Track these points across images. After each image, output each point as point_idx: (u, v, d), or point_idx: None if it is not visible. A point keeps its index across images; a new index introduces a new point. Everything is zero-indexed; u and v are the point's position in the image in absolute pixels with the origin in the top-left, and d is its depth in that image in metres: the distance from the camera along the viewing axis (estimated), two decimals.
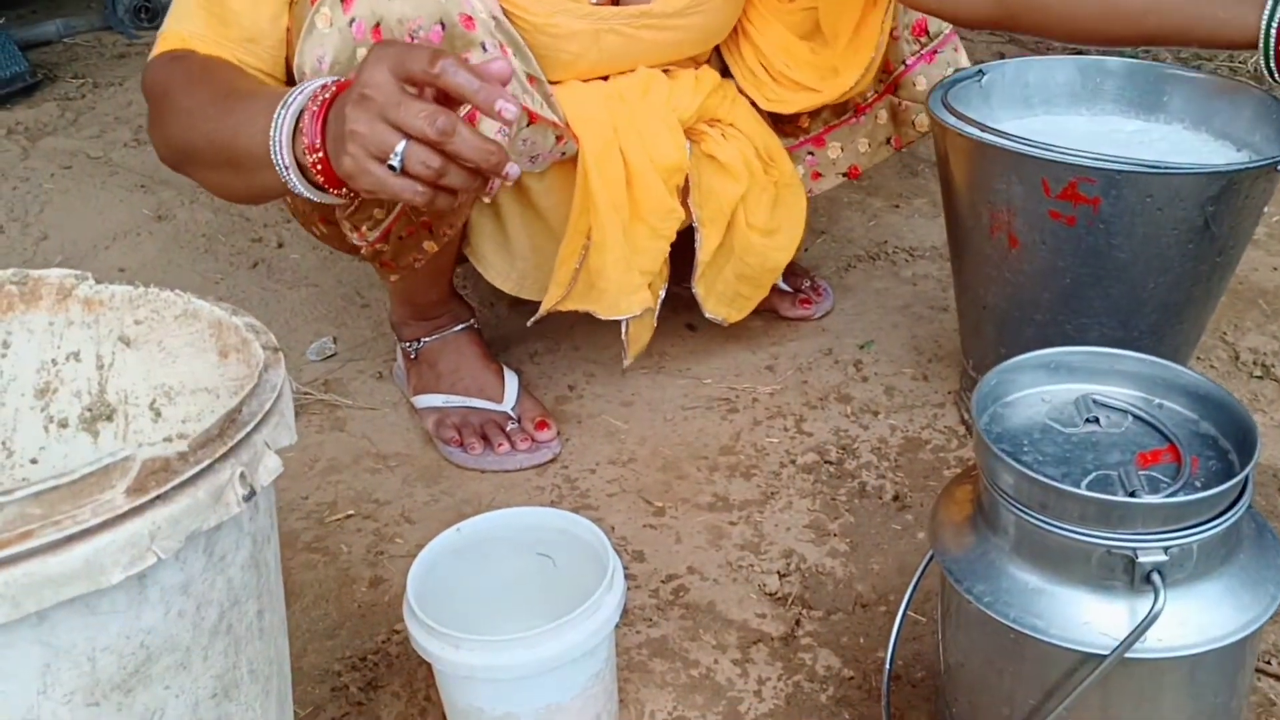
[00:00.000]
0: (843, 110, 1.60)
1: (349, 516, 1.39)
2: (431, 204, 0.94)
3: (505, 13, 1.25)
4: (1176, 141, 1.39)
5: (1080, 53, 1.53)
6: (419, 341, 1.55)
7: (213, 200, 2.11)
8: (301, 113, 0.99)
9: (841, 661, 1.16)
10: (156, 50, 1.21)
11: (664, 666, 1.16)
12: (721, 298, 1.58)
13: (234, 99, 1.09)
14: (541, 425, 1.48)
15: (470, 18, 1.18)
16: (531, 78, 1.27)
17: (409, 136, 0.91)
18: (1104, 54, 1.49)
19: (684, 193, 1.46)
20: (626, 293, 1.44)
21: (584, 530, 1.05)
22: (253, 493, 0.72)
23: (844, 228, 2.02)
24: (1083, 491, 0.77)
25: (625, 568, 1.29)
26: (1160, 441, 0.85)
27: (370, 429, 1.55)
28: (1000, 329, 1.38)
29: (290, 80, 1.22)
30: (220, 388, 0.92)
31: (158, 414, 0.97)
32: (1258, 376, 1.59)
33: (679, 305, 1.78)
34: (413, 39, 1.15)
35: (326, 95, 0.98)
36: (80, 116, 2.47)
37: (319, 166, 0.98)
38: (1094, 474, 0.82)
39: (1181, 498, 0.76)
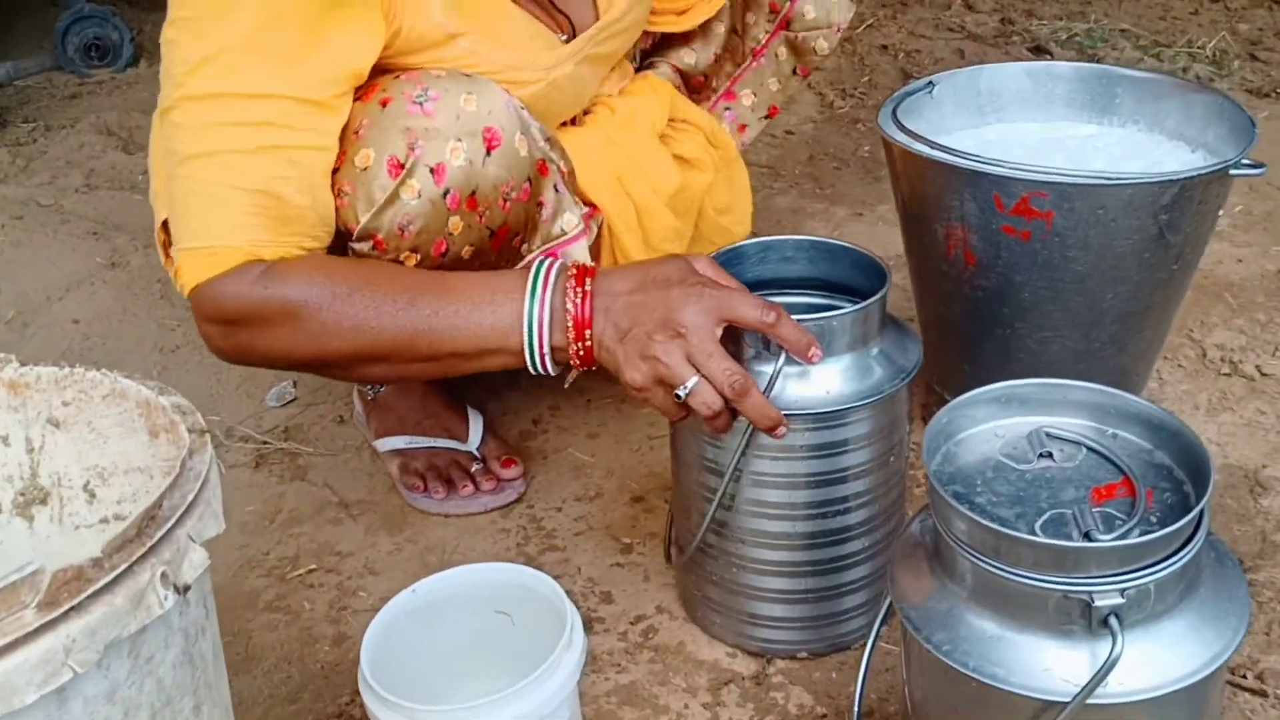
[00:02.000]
0: (741, 58, 1.62)
1: (311, 571, 1.36)
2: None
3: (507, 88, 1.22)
4: (1130, 145, 1.38)
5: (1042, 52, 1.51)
6: (378, 385, 1.53)
7: None
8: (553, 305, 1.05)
9: (814, 699, 1.14)
10: (212, 271, 1.10)
11: (633, 715, 1.13)
12: None
13: (431, 297, 1.09)
14: (508, 463, 1.46)
15: (545, 164, 1.24)
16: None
17: (703, 376, 0.99)
18: (1052, 58, 1.47)
19: None
20: None
21: (541, 585, 1.03)
22: (178, 591, 0.70)
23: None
24: (1035, 538, 0.75)
25: (593, 611, 1.27)
26: (1114, 474, 0.83)
27: (332, 476, 1.53)
28: (961, 344, 1.36)
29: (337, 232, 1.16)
30: (153, 467, 0.90)
31: (92, 495, 0.94)
32: (1225, 374, 1.57)
33: None
34: (506, 202, 1.19)
35: (581, 290, 1.04)
36: (31, 163, 2.43)
37: (581, 354, 1.05)
38: (1048, 514, 0.80)
39: (1135, 540, 0.74)
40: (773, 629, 1.16)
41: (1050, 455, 0.85)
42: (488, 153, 1.16)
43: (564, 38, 1.34)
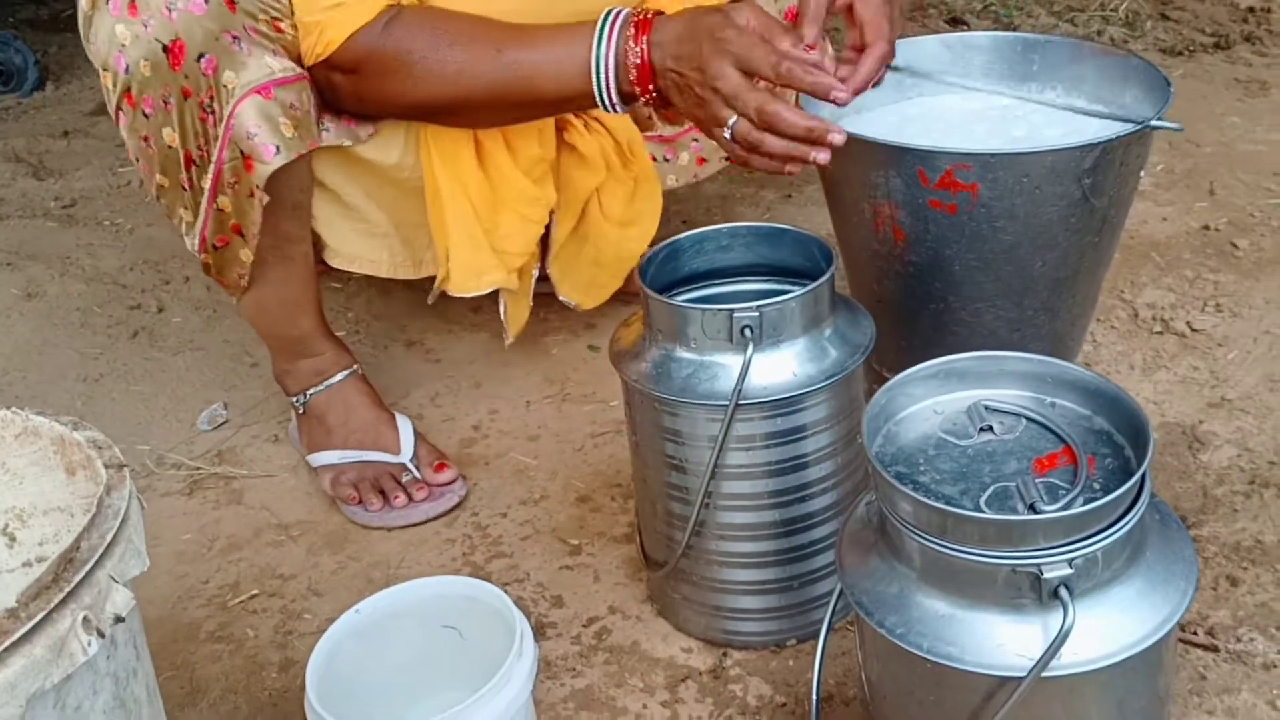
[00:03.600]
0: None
1: (253, 597, 1.33)
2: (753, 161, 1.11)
3: None
4: (1050, 113, 1.37)
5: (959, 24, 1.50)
6: (305, 395, 1.49)
7: (84, 272, 2.02)
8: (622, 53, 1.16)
9: (772, 689, 1.13)
10: (360, 20, 1.20)
11: (591, 719, 1.12)
12: (577, 284, 1.58)
13: (515, 47, 1.21)
14: (440, 467, 1.44)
15: (233, 4, 1.19)
16: None
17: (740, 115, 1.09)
18: (969, 29, 1.47)
19: None
20: (475, 272, 1.43)
21: (489, 596, 1.01)
22: (101, 635, 0.67)
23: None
24: (980, 514, 0.75)
25: (544, 616, 1.25)
26: (1055, 444, 0.82)
27: (269, 498, 1.49)
28: (896, 321, 1.35)
29: None
30: (73, 506, 0.87)
31: (12, 539, 0.90)
32: (1158, 332, 1.58)
33: (579, 329, 1.74)
34: (170, 12, 1.17)
35: (641, 41, 1.15)
36: None
37: (651, 101, 1.17)
38: (992, 488, 0.80)
39: (1079, 509, 0.74)
40: (745, 620, 1.15)
41: (991, 429, 0.84)
42: None
43: None
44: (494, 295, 1.47)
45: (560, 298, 1.58)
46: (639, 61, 1.15)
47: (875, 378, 1.41)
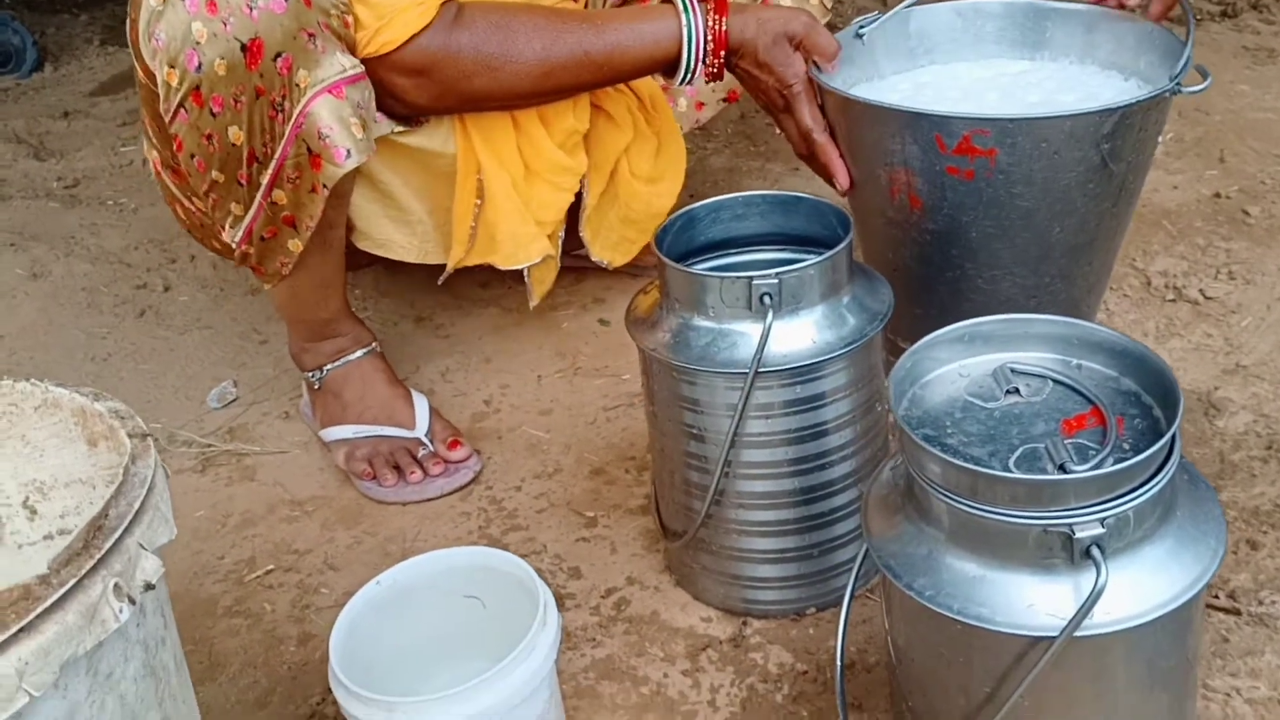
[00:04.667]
0: None
1: (269, 572, 1.33)
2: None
3: None
4: (1064, 79, 1.37)
5: None
6: (321, 370, 1.48)
7: (88, 251, 2.01)
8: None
9: (793, 657, 1.13)
10: (420, 22, 1.22)
11: (613, 688, 1.12)
12: (607, 242, 1.61)
13: (597, 26, 1.31)
14: (454, 444, 1.43)
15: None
16: None
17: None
18: None
19: None
20: (523, 244, 1.45)
21: (510, 565, 1.01)
22: (132, 601, 0.67)
23: None
24: (1010, 474, 0.74)
25: (562, 587, 1.25)
26: (1083, 405, 0.82)
27: (282, 474, 1.49)
28: (912, 289, 1.34)
29: None
30: (95, 478, 0.86)
31: (33, 511, 0.90)
32: (1170, 300, 1.58)
33: (589, 303, 1.74)
34: (252, 10, 1.15)
35: (719, 19, 1.31)
36: None
37: (714, 70, 1.34)
38: (1021, 449, 0.79)
39: (1111, 468, 0.73)
40: (765, 589, 1.15)
41: (1017, 391, 0.84)
42: None
43: None
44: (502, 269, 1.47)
45: (593, 258, 1.60)
46: (716, 34, 1.31)
47: (891, 347, 1.40)
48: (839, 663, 0.97)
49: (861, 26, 1.40)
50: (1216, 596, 1.12)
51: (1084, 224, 1.25)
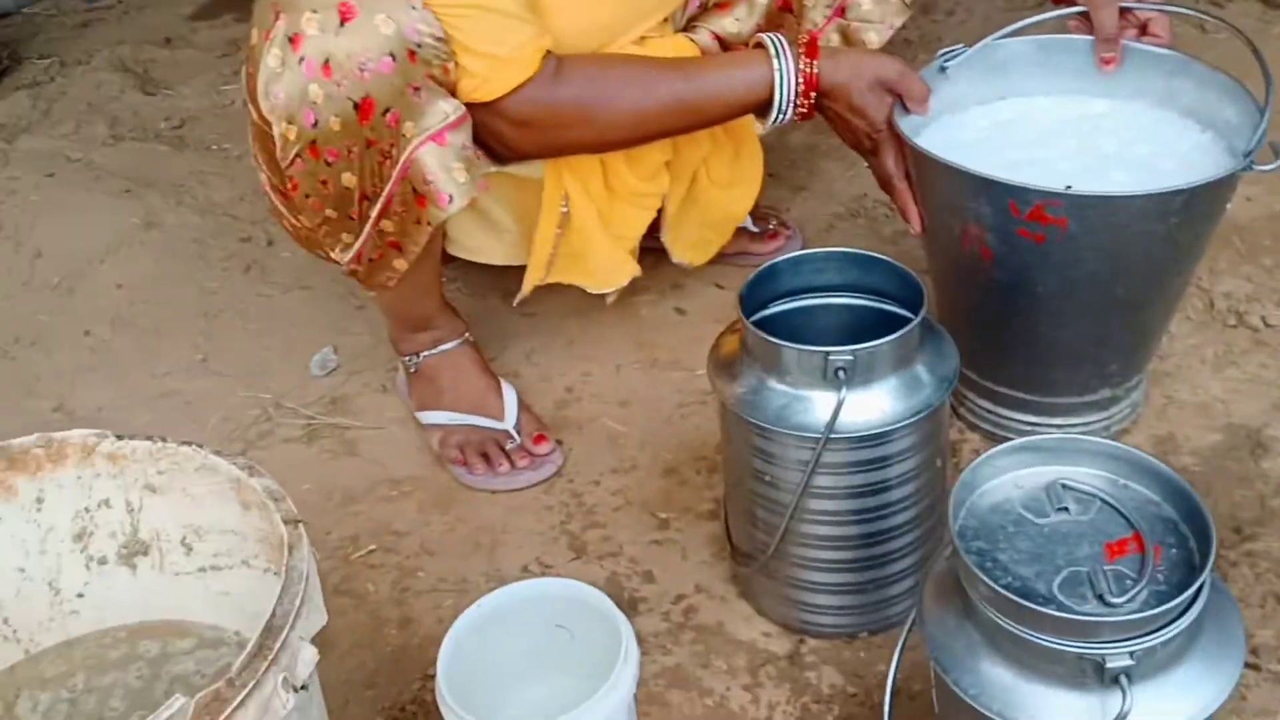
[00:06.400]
0: (794, 38, 1.65)
1: (371, 551, 1.46)
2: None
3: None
4: (1140, 127, 1.41)
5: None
6: (418, 356, 1.60)
7: (197, 202, 2.12)
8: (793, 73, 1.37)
9: (844, 679, 1.24)
10: (525, 73, 1.29)
11: (680, 698, 1.24)
12: (687, 244, 1.72)
13: (688, 73, 1.39)
14: (539, 439, 1.55)
15: (414, 53, 1.24)
16: None
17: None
18: (1061, 31, 1.49)
19: None
20: (614, 267, 1.57)
21: (595, 599, 1.13)
22: (295, 690, 0.79)
23: (824, 181, 2.04)
24: (1055, 612, 0.84)
25: (636, 591, 1.37)
26: (1125, 529, 0.91)
27: (381, 451, 1.61)
28: (976, 326, 1.42)
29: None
30: (245, 532, 0.98)
31: (189, 549, 1.03)
32: (1232, 325, 1.63)
33: (666, 289, 1.82)
34: (363, 72, 1.23)
35: (810, 63, 1.37)
36: (53, 106, 2.45)
37: (804, 110, 1.39)
38: (1065, 571, 0.89)
39: (1143, 613, 0.83)
40: (821, 614, 1.27)
41: (1066, 509, 0.93)
42: (341, 24, 1.22)
43: None
44: None
45: (674, 259, 1.71)
46: (808, 76, 1.36)
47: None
48: (888, 693, 1.08)
49: (946, 60, 1.45)
50: None
51: (1149, 282, 1.32)
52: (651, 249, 1.79)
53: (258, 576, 0.98)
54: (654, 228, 1.66)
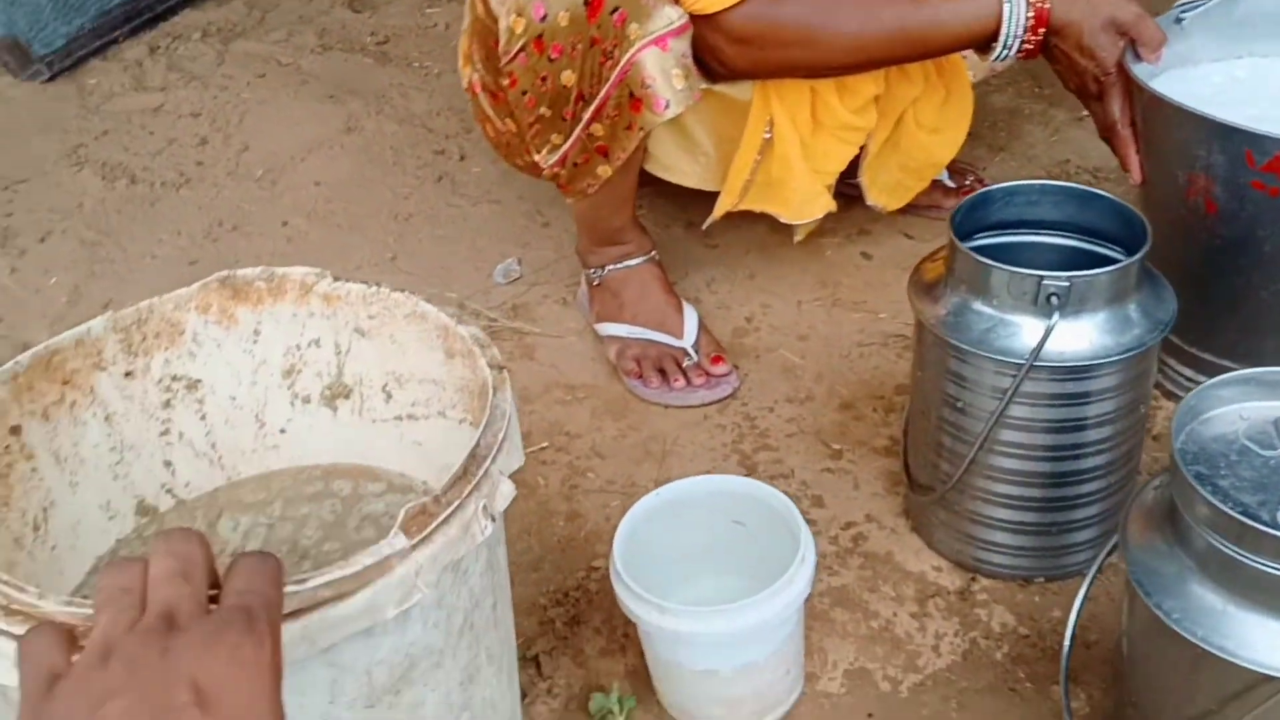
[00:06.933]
0: None
1: (543, 448, 1.48)
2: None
3: None
4: None
5: None
6: (603, 269, 1.61)
7: (396, 112, 2.18)
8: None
9: (1016, 620, 1.21)
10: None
11: (845, 616, 1.23)
12: (884, 187, 1.69)
13: (920, 3, 1.35)
14: (717, 360, 1.55)
15: None
16: None
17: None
18: None
19: None
20: (810, 199, 1.56)
21: (776, 501, 1.12)
22: (493, 519, 0.80)
23: (1025, 144, 1.98)
24: (1277, 534, 0.80)
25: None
26: None
27: (558, 357, 1.63)
28: (1189, 286, 1.35)
29: None
30: (446, 382, 1.00)
31: (389, 396, 1.06)
32: None
33: (853, 233, 1.80)
34: None
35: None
36: (267, 15, 2.55)
37: (1030, 46, 1.34)
38: None
39: None
40: (997, 553, 1.23)
41: None
42: None
43: None
44: None
45: (868, 201, 1.68)
46: (1039, 11, 1.32)
47: (1164, 344, 1.43)
48: (1068, 642, 1.05)
49: (1184, 11, 1.39)
50: None
51: None
52: (842, 194, 1.77)
53: (453, 427, 1.00)
54: (849, 171, 1.63)
